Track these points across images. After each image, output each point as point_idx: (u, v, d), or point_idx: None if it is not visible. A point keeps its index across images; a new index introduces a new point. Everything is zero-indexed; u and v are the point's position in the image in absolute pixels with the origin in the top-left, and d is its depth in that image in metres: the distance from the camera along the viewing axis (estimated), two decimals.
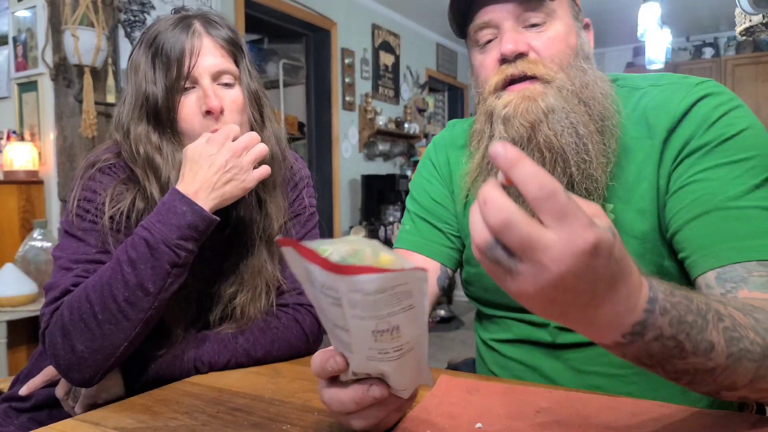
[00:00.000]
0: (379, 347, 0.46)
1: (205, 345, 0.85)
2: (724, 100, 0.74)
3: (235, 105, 0.87)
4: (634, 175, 0.77)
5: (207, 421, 0.65)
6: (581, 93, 0.76)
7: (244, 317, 0.90)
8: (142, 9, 2.77)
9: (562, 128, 0.73)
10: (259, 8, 3.61)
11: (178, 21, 0.87)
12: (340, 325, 0.46)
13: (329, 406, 0.54)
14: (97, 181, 0.87)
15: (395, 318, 0.44)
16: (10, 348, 2.30)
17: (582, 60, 0.78)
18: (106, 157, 0.90)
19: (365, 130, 4.57)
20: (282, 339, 0.90)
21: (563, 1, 0.79)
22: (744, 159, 0.69)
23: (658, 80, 0.81)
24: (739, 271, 0.64)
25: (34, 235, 2.41)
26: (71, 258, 0.83)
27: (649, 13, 3.61)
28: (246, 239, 0.92)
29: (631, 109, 0.79)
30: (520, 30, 0.77)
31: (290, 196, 1.01)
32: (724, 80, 5.63)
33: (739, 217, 0.66)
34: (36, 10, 2.57)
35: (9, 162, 2.54)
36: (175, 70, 0.84)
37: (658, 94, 0.78)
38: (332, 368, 0.51)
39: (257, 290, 0.91)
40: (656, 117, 0.76)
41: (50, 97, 2.57)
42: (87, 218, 0.85)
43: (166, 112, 0.85)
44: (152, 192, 0.85)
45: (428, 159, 0.99)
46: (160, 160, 0.86)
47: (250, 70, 0.92)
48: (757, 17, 1.78)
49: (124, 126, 0.88)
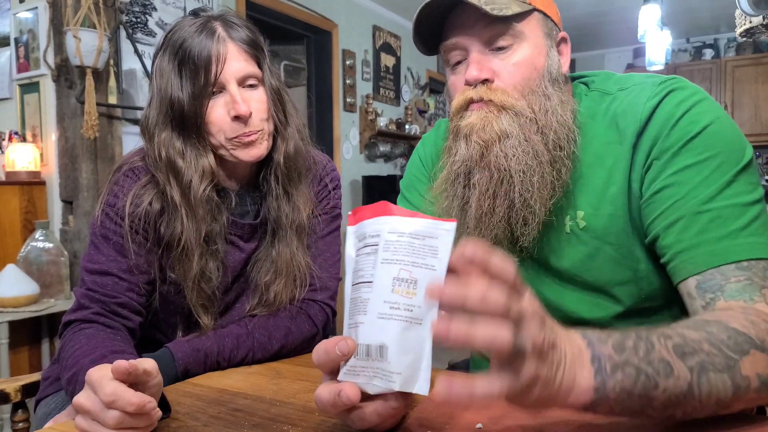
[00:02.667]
0: (393, 301, 0.50)
1: (224, 341, 0.89)
2: (687, 95, 0.73)
3: (261, 105, 0.92)
4: (604, 181, 0.77)
5: (208, 421, 0.66)
6: (540, 120, 0.76)
7: (276, 303, 0.95)
8: (144, 10, 2.77)
9: (513, 153, 0.75)
10: (260, 10, 3.61)
11: (201, 26, 0.89)
12: (366, 279, 0.51)
13: (316, 404, 0.55)
14: (120, 185, 0.92)
15: (417, 270, 0.49)
16: (12, 348, 2.30)
17: (548, 83, 0.78)
18: (133, 161, 0.94)
19: (366, 131, 4.57)
20: (296, 332, 0.95)
21: (533, 20, 0.78)
22: (711, 156, 0.69)
23: (625, 82, 0.81)
24: (717, 278, 0.65)
25: (36, 235, 2.41)
26: (86, 267, 0.90)
27: (649, 14, 3.61)
28: (277, 229, 0.97)
29: (602, 115, 0.80)
30: (486, 54, 0.77)
31: (320, 193, 1.06)
32: (724, 81, 5.63)
33: (712, 219, 0.67)
34: (38, 12, 2.58)
35: (11, 163, 2.55)
36: (202, 77, 0.87)
37: (626, 97, 0.78)
38: (341, 350, 0.51)
39: (291, 278, 0.95)
40: (625, 121, 0.77)
41: (52, 98, 2.57)
42: (107, 224, 0.91)
43: (192, 118, 0.88)
44: (173, 195, 0.89)
45: (417, 157, 1.01)
46: (182, 164, 0.89)
47: (271, 69, 0.96)
48: (757, 18, 1.78)
49: (150, 130, 0.91)
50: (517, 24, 0.76)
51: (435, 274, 0.50)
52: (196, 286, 0.90)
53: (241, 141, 0.90)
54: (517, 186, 0.75)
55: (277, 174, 0.96)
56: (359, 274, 0.53)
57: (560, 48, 0.82)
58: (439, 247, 0.51)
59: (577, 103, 0.82)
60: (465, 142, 0.77)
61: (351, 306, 0.53)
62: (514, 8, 0.75)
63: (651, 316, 0.79)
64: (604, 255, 0.77)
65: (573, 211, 0.79)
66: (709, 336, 0.54)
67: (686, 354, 0.52)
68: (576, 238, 0.79)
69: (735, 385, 0.53)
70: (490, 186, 0.76)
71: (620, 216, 0.76)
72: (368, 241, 0.53)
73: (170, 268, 0.91)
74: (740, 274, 0.64)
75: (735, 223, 0.66)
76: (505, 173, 0.75)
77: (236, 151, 0.91)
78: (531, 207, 0.75)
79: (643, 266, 0.76)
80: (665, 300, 0.77)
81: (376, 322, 0.50)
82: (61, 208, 2.61)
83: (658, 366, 0.50)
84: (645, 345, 0.51)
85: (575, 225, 0.78)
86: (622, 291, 0.77)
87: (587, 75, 0.88)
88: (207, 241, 0.91)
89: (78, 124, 2.45)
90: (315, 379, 0.81)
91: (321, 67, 4.27)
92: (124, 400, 0.57)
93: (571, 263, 0.79)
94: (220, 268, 0.93)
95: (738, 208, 0.67)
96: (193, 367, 0.85)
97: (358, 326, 0.51)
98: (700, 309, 0.66)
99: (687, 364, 0.51)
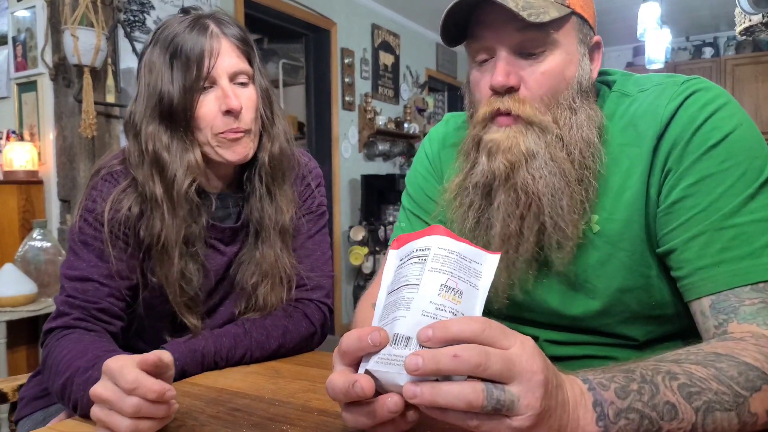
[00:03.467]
0: (438, 302, 0.50)
1: (222, 340, 0.89)
2: (710, 97, 0.70)
3: (251, 103, 0.91)
4: (619, 185, 0.74)
5: (207, 421, 0.65)
6: (565, 136, 0.73)
7: (267, 306, 0.94)
8: (142, 9, 2.76)
9: (540, 175, 0.72)
10: (259, 8, 3.60)
11: (193, 22, 0.89)
12: (412, 282, 0.51)
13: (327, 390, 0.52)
14: (98, 190, 0.91)
15: (462, 284, 0.51)
16: (10, 348, 2.30)
17: (576, 96, 0.74)
18: (111, 164, 0.93)
19: (365, 130, 4.57)
20: (293, 332, 0.95)
21: (569, 26, 0.73)
22: (733, 166, 0.67)
23: (645, 84, 0.78)
24: (731, 300, 0.64)
25: (34, 235, 2.41)
26: (66, 274, 0.90)
27: (648, 12, 3.61)
28: (260, 230, 0.96)
29: (619, 116, 0.77)
30: (514, 59, 0.73)
31: (303, 192, 1.04)
32: (724, 80, 5.63)
33: (735, 237, 0.65)
34: (35, 10, 2.57)
35: (9, 162, 2.54)
36: (194, 71, 0.86)
37: (645, 99, 0.75)
38: (373, 340, 0.48)
39: (277, 280, 0.95)
40: (644, 123, 0.73)
41: (50, 97, 2.56)
42: (86, 230, 0.89)
43: (182, 111, 0.87)
44: (154, 191, 0.88)
45: (423, 153, 0.99)
46: (167, 158, 0.88)
47: (261, 68, 0.96)
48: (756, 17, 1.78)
49: (136, 125, 0.90)
50: (554, 32, 0.71)
51: (477, 293, 0.51)
52: (178, 288, 0.89)
53: (228, 137, 0.89)
54: (547, 208, 0.72)
55: (261, 174, 0.95)
56: (402, 279, 0.53)
57: (593, 54, 0.78)
58: (482, 272, 0.52)
59: (600, 105, 0.79)
60: (487, 157, 0.74)
61: (388, 307, 0.52)
62: (552, 13, 0.69)
63: (662, 325, 0.77)
64: (617, 261, 0.75)
65: (586, 215, 0.76)
66: (718, 373, 0.54)
67: (692, 394, 0.51)
68: (588, 243, 0.76)
69: (741, 422, 0.53)
70: (517, 208, 0.74)
71: (635, 222, 0.73)
72: (416, 254, 0.53)
73: (151, 272, 0.90)
74: (755, 296, 0.63)
75: (758, 240, 0.64)
76: (533, 197, 0.72)
77: (222, 149, 0.90)
78: (563, 230, 0.73)
79: (654, 273, 0.74)
80: (675, 308, 0.75)
81: (419, 317, 0.49)
82: (58, 207, 2.61)
83: (662, 410, 0.50)
84: (650, 388, 0.50)
85: (588, 229, 0.76)
86: (633, 297, 0.75)
87: (606, 72, 0.85)
88: (186, 242, 0.90)
89: (76, 123, 2.45)
90: (314, 379, 0.81)
91: (320, 65, 4.27)
92: (146, 387, 0.58)
93: (582, 268, 0.77)
94: (200, 270, 0.92)
95: (762, 224, 0.65)
96: (191, 368, 0.84)
97: (398, 319, 0.50)
98: (712, 328, 0.65)
99: (693, 405, 0.51)
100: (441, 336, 0.45)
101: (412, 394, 0.44)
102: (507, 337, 0.46)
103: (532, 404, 0.44)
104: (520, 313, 0.84)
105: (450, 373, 0.44)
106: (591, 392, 0.49)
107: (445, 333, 0.45)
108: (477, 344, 0.44)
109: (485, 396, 0.43)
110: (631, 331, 0.77)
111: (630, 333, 0.77)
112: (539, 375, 0.44)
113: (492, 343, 0.45)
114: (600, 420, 0.48)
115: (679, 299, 0.72)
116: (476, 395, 0.43)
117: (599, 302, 0.77)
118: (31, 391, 0.99)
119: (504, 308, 0.83)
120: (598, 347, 0.80)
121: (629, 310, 0.76)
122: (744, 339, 0.60)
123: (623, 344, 0.79)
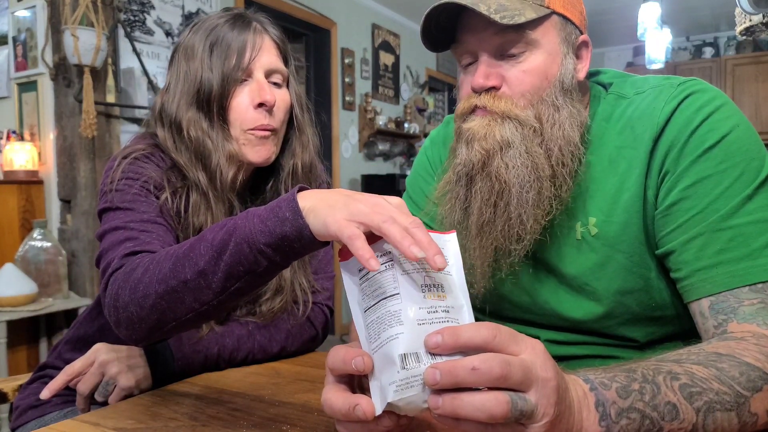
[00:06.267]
0: (428, 305, 0.48)
1: (225, 340, 0.88)
2: (706, 99, 0.71)
3: (283, 103, 0.91)
4: (616, 187, 0.75)
5: (207, 421, 0.65)
6: (545, 132, 0.74)
7: (273, 317, 0.93)
8: (142, 9, 2.76)
9: (513, 165, 0.73)
10: (259, 8, 3.60)
11: (237, 17, 0.90)
12: (390, 292, 0.49)
13: (323, 406, 0.51)
14: (139, 166, 0.86)
15: (438, 276, 0.50)
16: (10, 348, 2.30)
17: (559, 93, 0.74)
18: (141, 147, 0.89)
19: (365, 129, 4.57)
20: (296, 335, 0.95)
21: (550, 25, 0.74)
22: (731, 167, 0.67)
23: (642, 86, 0.78)
24: (730, 301, 0.64)
25: (34, 234, 2.41)
26: (118, 225, 0.78)
27: (649, 12, 3.61)
28: None
29: (617, 119, 0.77)
30: (495, 61, 0.74)
31: None
32: (724, 80, 5.63)
33: (733, 238, 0.65)
34: (36, 10, 2.57)
35: (9, 162, 2.54)
36: (234, 60, 0.87)
37: (642, 101, 0.76)
38: (357, 366, 0.47)
39: (289, 297, 0.93)
40: (641, 125, 0.74)
41: (50, 96, 2.56)
42: (130, 192, 0.82)
43: (219, 99, 0.87)
44: (199, 179, 0.86)
45: (424, 155, 1.00)
46: (211, 146, 0.87)
47: (294, 75, 0.97)
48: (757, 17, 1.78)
49: (171, 114, 0.88)
50: (531, 32, 0.72)
51: (453, 280, 0.51)
52: None
53: (256, 134, 0.88)
54: (515, 199, 0.73)
55: (288, 183, 0.94)
56: (377, 292, 0.50)
57: (580, 52, 0.78)
58: (448, 255, 0.51)
59: (594, 106, 0.79)
60: (466, 146, 0.76)
61: (375, 327, 0.49)
62: (528, 14, 0.71)
63: (663, 326, 0.77)
64: (615, 263, 0.75)
65: (584, 218, 0.76)
66: (719, 373, 0.54)
67: (693, 394, 0.52)
68: (587, 245, 0.76)
69: (741, 422, 0.53)
70: (491, 196, 0.75)
71: (633, 224, 0.73)
72: (377, 257, 0.51)
73: None
74: (753, 297, 0.63)
75: (756, 241, 0.65)
76: (505, 186, 0.74)
77: (247, 147, 0.88)
78: (524, 224, 0.73)
79: (654, 274, 0.74)
80: (676, 309, 0.75)
81: (417, 329, 0.47)
82: (59, 207, 2.61)
83: (663, 410, 0.50)
84: (651, 388, 0.51)
85: (587, 232, 0.76)
86: (633, 299, 0.75)
87: (601, 72, 0.85)
88: None
89: (76, 123, 2.45)
90: (314, 379, 0.81)
91: (320, 65, 4.26)
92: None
93: (581, 271, 0.77)
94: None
95: (759, 225, 0.65)
96: (192, 367, 0.84)
97: (398, 337, 0.47)
98: (711, 329, 0.65)
99: (694, 405, 0.51)
100: (451, 343, 0.44)
101: (435, 405, 0.43)
102: (517, 342, 0.45)
103: (548, 411, 0.44)
104: (521, 315, 0.84)
105: (470, 385, 0.43)
106: (593, 392, 0.49)
107: (455, 340, 0.44)
108: (492, 352, 0.44)
109: (510, 408, 0.42)
110: (633, 332, 0.77)
111: (631, 334, 0.77)
112: (553, 381, 0.44)
113: (503, 349, 0.44)
114: (603, 420, 0.49)
115: (679, 300, 0.73)
116: (501, 408, 0.42)
117: (602, 306, 0.77)
118: (25, 401, 0.97)
119: (504, 310, 0.83)
120: (600, 347, 0.80)
121: (630, 312, 0.76)
122: (745, 339, 0.60)
123: (624, 345, 0.79)
